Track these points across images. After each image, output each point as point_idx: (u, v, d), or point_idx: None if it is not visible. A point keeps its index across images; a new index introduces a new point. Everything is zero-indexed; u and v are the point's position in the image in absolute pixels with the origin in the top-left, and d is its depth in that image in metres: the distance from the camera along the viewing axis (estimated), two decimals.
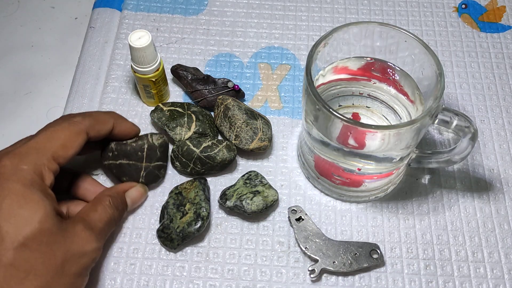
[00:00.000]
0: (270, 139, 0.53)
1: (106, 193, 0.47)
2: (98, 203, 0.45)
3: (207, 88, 0.57)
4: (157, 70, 0.54)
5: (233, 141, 0.53)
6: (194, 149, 0.51)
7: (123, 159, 0.50)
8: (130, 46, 0.51)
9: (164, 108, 0.55)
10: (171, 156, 0.54)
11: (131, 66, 0.54)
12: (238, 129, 0.52)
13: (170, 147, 0.54)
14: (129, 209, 0.50)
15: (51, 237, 0.39)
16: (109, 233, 0.46)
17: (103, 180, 0.53)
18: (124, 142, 0.50)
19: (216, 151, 0.51)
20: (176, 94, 0.59)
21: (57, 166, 0.43)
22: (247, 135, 0.52)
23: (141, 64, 0.52)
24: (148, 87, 0.55)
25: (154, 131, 0.56)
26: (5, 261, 0.37)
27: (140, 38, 0.51)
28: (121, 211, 0.48)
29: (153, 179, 0.51)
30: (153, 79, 0.54)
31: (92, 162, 0.54)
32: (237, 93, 0.58)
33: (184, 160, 0.52)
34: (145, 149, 0.50)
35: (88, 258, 0.42)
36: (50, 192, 0.41)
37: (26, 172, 0.40)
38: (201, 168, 0.52)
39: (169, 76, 0.60)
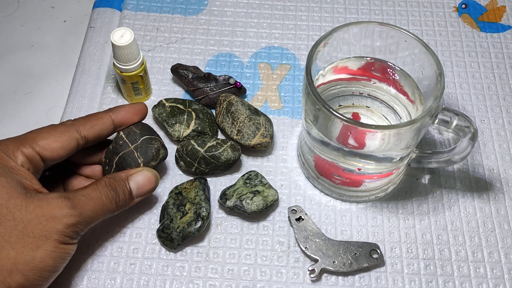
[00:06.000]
0: (271, 136, 0.53)
1: (106, 176, 0.46)
2: (92, 183, 0.45)
3: (209, 85, 0.57)
4: (142, 63, 0.54)
5: (235, 137, 0.53)
6: (199, 148, 0.51)
7: (114, 157, 0.49)
8: (115, 46, 0.50)
9: (166, 104, 0.55)
10: (175, 155, 0.53)
11: (116, 67, 0.53)
12: (241, 124, 0.52)
13: (174, 147, 0.54)
14: (137, 194, 0.47)
15: (10, 200, 0.40)
16: (98, 212, 0.44)
17: None
18: (109, 155, 0.50)
19: (220, 150, 0.51)
20: (176, 94, 0.59)
21: (34, 153, 0.43)
22: (250, 130, 0.52)
23: (128, 61, 0.52)
24: (137, 83, 0.55)
25: (155, 126, 0.56)
26: None
27: (122, 36, 0.51)
28: (122, 194, 0.45)
29: (152, 154, 0.49)
30: (141, 74, 0.54)
31: None
32: (239, 90, 0.58)
33: (188, 159, 0.52)
34: (122, 135, 0.49)
35: (58, 222, 0.40)
36: (21, 168, 0.42)
37: None
38: (205, 168, 0.52)
39: (169, 75, 0.60)
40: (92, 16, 0.65)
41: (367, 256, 0.48)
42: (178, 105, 0.55)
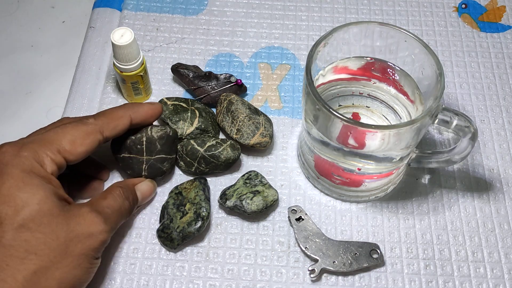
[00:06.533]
0: (271, 136, 0.53)
1: (117, 185, 0.47)
2: (108, 193, 0.46)
3: (210, 84, 0.57)
4: (142, 63, 0.54)
5: (234, 136, 0.53)
6: (198, 148, 0.52)
7: (125, 152, 0.50)
8: (115, 45, 0.50)
9: (168, 102, 0.55)
10: (175, 155, 0.53)
11: (115, 67, 0.53)
12: (240, 123, 0.52)
13: None
14: (140, 203, 0.49)
15: (52, 218, 0.39)
16: (119, 223, 0.45)
17: (113, 172, 0.53)
18: (125, 136, 0.49)
19: (220, 150, 0.51)
20: (176, 94, 0.59)
21: (62, 159, 0.43)
22: (249, 129, 0.52)
23: (128, 61, 0.52)
24: (137, 83, 0.55)
25: (156, 123, 0.56)
26: (5, 242, 0.38)
27: (122, 36, 0.51)
28: (132, 203, 0.47)
29: (157, 173, 0.51)
30: (141, 74, 0.54)
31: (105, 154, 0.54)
32: (240, 88, 0.58)
33: (188, 159, 0.52)
34: (144, 142, 0.50)
35: (95, 239, 0.41)
36: (52, 178, 0.42)
37: (26, 159, 0.40)
38: (205, 168, 0.52)
39: (169, 75, 0.60)
40: (92, 16, 0.65)
41: (367, 256, 0.48)
42: (181, 103, 0.55)
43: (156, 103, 0.51)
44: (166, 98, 0.56)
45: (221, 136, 0.56)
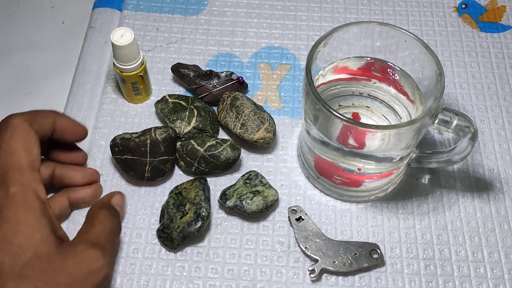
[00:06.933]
0: (274, 133, 0.53)
1: (97, 207, 0.45)
2: (93, 219, 0.44)
3: (211, 82, 0.57)
4: (142, 63, 0.54)
5: (238, 130, 0.53)
6: (198, 148, 0.52)
7: (128, 154, 0.50)
8: (115, 45, 0.50)
9: (169, 100, 0.55)
10: (175, 155, 0.53)
11: (115, 67, 0.53)
12: (246, 118, 0.52)
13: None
14: (121, 217, 0.48)
15: (50, 264, 0.38)
16: (114, 245, 0.44)
17: (112, 171, 0.53)
18: (128, 137, 0.50)
19: (220, 150, 0.51)
20: (176, 94, 0.59)
21: (39, 174, 0.41)
22: (254, 124, 0.52)
23: (128, 61, 0.52)
24: (137, 83, 0.55)
25: (157, 121, 0.57)
26: None
27: (122, 36, 0.51)
28: (118, 219, 0.46)
29: (159, 174, 0.51)
30: (141, 74, 0.54)
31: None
32: (241, 85, 0.58)
33: (188, 159, 0.52)
34: (148, 144, 0.50)
35: (97, 276, 0.39)
36: (47, 208, 0.40)
37: (17, 196, 0.39)
38: (205, 167, 0.52)
39: (169, 75, 0.60)
40: (92, 16, 0.65)
41: (367, 256, 0.48)
42: (181, 102, 0.55)
43: (81, 125, 0.48)
44: (168, 95, 0.56)
45: (221, 135, 0.56)
